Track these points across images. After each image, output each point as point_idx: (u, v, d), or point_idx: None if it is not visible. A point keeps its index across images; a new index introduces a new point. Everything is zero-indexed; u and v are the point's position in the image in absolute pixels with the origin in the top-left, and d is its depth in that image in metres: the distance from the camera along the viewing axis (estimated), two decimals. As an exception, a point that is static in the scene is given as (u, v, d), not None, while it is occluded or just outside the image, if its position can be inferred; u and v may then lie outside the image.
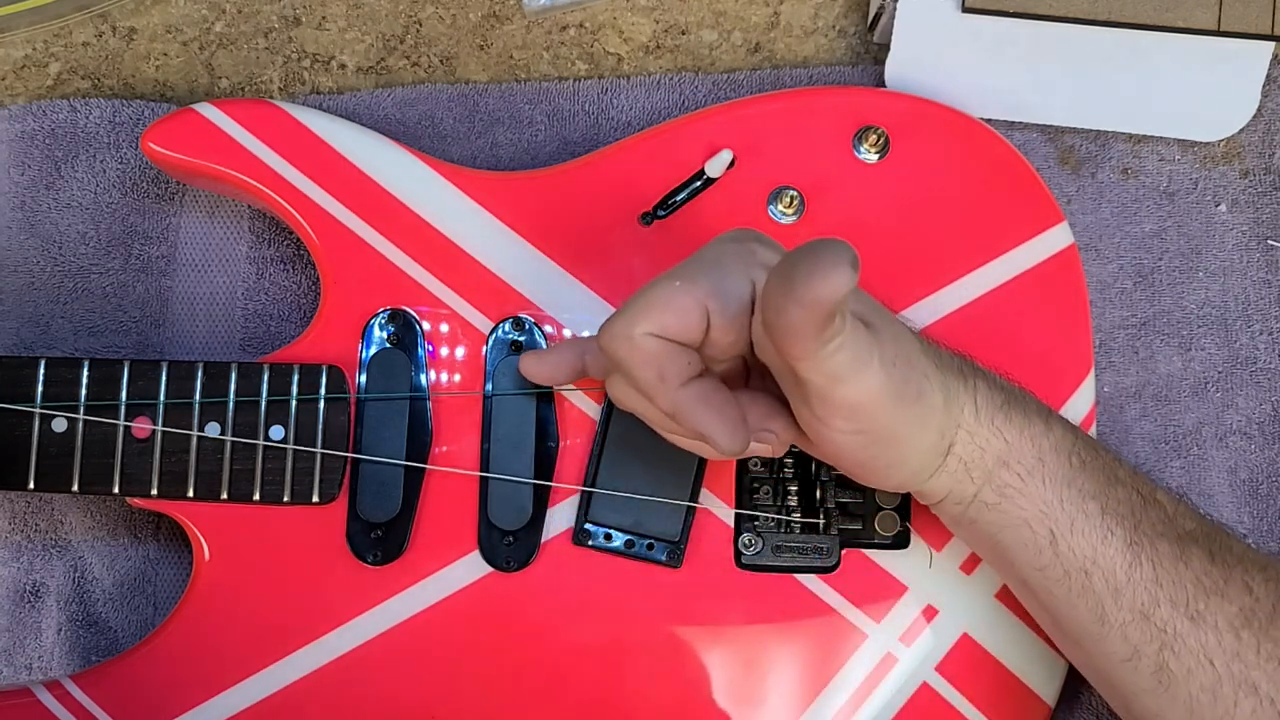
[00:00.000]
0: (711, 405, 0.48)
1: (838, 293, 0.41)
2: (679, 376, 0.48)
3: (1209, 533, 0.51)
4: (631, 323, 0.48)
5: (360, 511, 0.59)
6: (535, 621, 0.59)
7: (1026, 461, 0.50)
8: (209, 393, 0.59)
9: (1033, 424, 0.51)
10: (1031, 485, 0.50)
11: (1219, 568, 0.49)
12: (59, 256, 0.66)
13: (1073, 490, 0.50)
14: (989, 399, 0.51)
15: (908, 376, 0.48)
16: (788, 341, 0.44)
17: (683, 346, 0.48)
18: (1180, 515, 0.51)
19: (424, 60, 0.69)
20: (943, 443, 0.50)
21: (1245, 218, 0.69)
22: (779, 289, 0.42)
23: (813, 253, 0.41)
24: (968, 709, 0.59)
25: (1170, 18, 0.64)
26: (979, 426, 0.50)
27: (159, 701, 0.58)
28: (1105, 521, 0.50)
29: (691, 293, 0.48)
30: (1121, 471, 0.52)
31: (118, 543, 0.65)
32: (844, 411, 0.47)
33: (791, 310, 0.42)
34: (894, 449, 0.49)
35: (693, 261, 0.50)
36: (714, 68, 0.70)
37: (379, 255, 0.61)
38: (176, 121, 0.60)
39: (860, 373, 0.45)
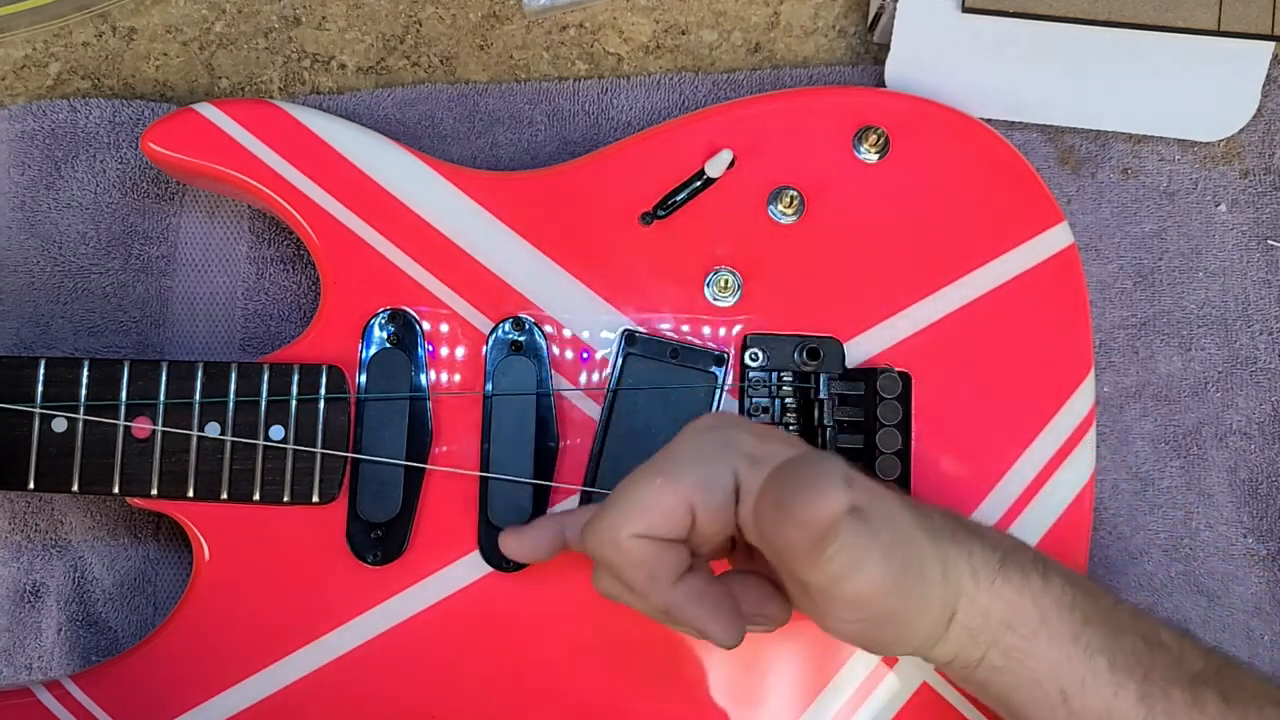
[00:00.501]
0: (705, 602, 0.48)
1: (832, 514, 0.41)
2: (670, 576, 0.48)
3: (1219, 670, 0.50)
4: (616, 526, 0.47)
5: (360, 511, 0.59)
6: (535, 622, 0.59)
7: (1030, 622, 0.49)
8: (209, 393, 0.59)
9: (1031, 581, 0.50)
10: (1037, 645, 0.49)
11: (1234, 710, 0.48)
12: (59, 256, 0.66)
13: (1079, 647, 0.49)
14: (985, 562, 0.50)
15: (906, 559, 0.47)
16: (785, 558, 0.44)
17: (670, 543, 0.48)
18: (1187, 655, 0.50)
19: (424, 60, 0.69)
20: (944, 613, 0.49)
21: (1245, 218, 0.69)
22: (772, 512, 0.42)
23: (803, 473, 0.41)
24: (968, 709, 0.59)
25: (1170, 18, 0.64)
26: (979, 592, 0.49)
27: (159, 701, 0.58)
28: (1115, 676, 0.49)
29: (675, 490, 0.47)
30: (1124, 617, 0.51)
31: (118, 543, 0.65)
32: (846, 605, 0.46)
33: (790, 532, 0.42)
34: (898, 628, 0.48)
35: (671, 455, 0.49)
36: (714, 68, 0.70)
37: (379, 255, 0.61)
38: (176, 121, 0.60)
39: (860, 569, 0.45)
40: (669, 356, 0.60)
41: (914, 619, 0.48)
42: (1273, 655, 0.66)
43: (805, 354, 0.60)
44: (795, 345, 0.61)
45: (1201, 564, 0.66)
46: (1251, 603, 0.66)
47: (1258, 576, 0.66)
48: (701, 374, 0.60)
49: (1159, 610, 0.66)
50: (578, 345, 0.61)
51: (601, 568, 0.50)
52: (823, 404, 0.60)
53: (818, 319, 0.61)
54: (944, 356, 0.61)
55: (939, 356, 0.61)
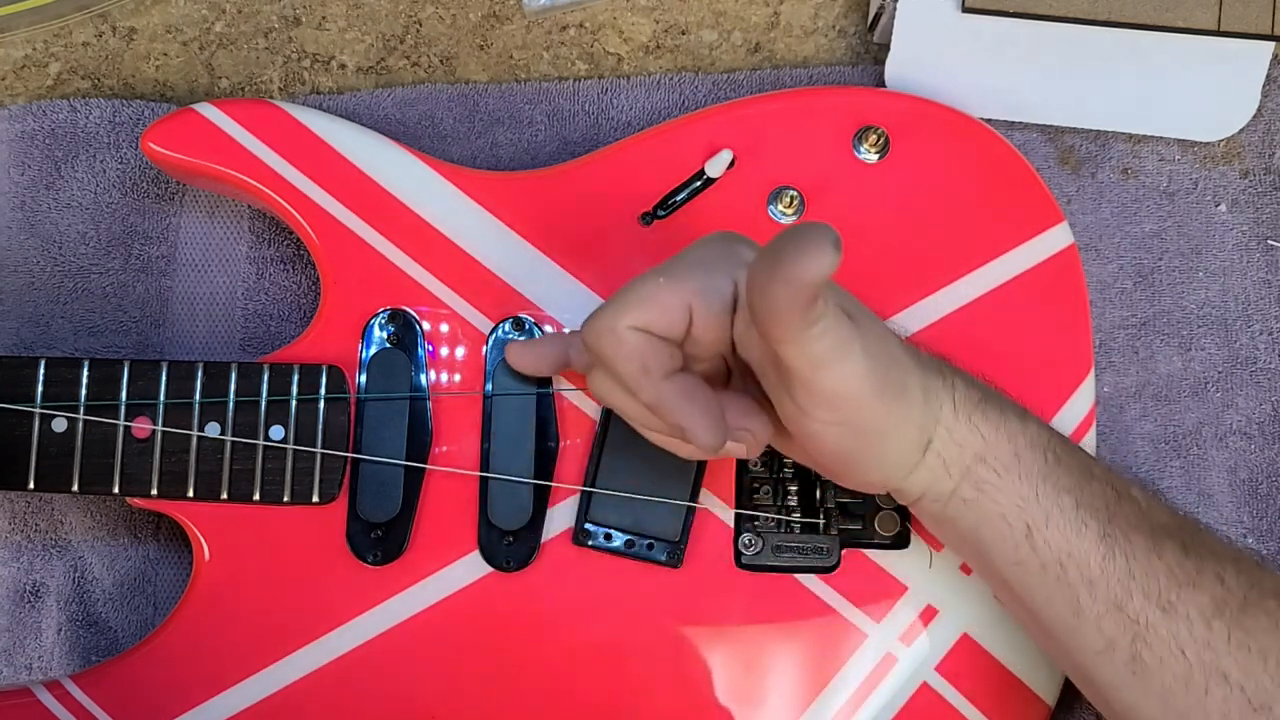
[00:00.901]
0: (693, 399, 0.49)
1: (822, 270, 0.41)
2: (661, 370, 0.49)
3: (1183, 525, 0.51)
4: (616, 317, 0.49)
5: (360, 511, 0.59)
6: (535, 621, 0.59)
7: (1003, 457, 0.51)
8: (209, 393, 0.59)
9: (1009, 421, 0.52)
10: (1008, 480, 0.51)
11: (1192, 559, 0.49)
12: (59, 256, 0.66)
13: (1048, 485, 0.51)
14: (966, 396, 0.52)
15: (889, 369, 0.48)
16: (772, 322, 0.44)
17: (665, 341, 0.49)
18: (1154, 509, 0.52)
19: (424, 60, 0.69)
20: (921, 438, 0.51)
21: (1245, 218, 0.69)
22: (764, 269, 0.43)
23: (797, 234, 0.42)
24: (968, 709, 0.59)
25: (1170, 18, 0.64)
26: (957, 423, 0.51)
27: (159, 701, 0.58)
28: (1080, 515, 0.50)
29: (676, 289, 0.49)
30: (1096, 468, 0.52)
31: (118, 543, 0.65)
32: (827, 400, 0.47)
33: (777, 289, 0.43)
34: (874, 444, 0.50)
35: (677, 259, 0.51)
36: (714, 68, 0.70)
37: (379, 255, 0.61)
38: (176, 121, 0.60)
39: (843, 359, 0.46)
40: (669, 356, 0.60)
41: (891, 436, 0.49)
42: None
43: (805, 354, 0.60)
44: (795, 345, 0.61)
45: (1201, 564, 0.66)
46: (1251, 603, 0.66)
47: (1258, 576, 0.66)
48: (701, 374, 0.60)
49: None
50: (578, 345, 0.61)
51: (598, 362, 0.51)
52: (823, 404, 0.60)
53: (818, 319, 0.61)
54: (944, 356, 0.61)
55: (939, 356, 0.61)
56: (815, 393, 0.47)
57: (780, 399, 0.50)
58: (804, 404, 0.48)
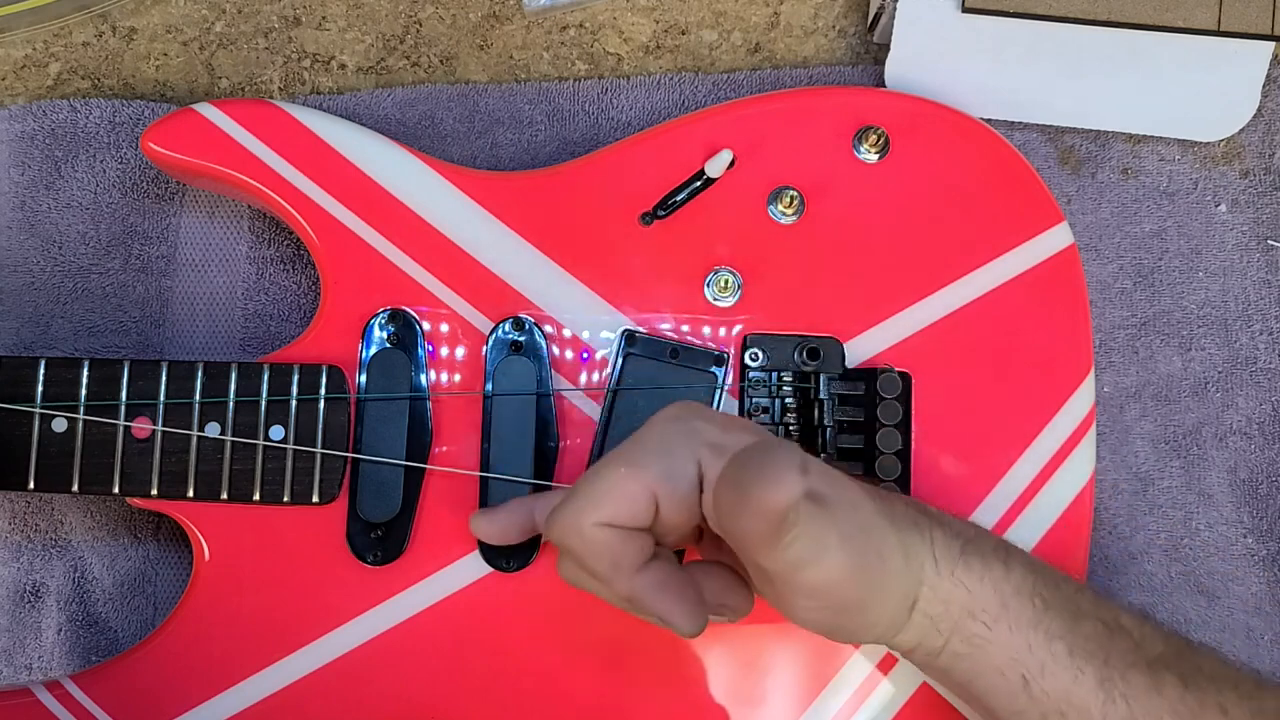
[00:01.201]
0: (668, 591, 0.49)
1: (788, 500, 0.41)
2: (633, 564, 0.48)
3: (1180, 654, 0.50)
4: (580, 514, 0.48)
5: (360, 511, 0.59)
6: (535, 621, 0.59)
7: (991, 610, 0.50)
8: (209, 393, 0.59)
9: (992, 569, 0.50)
10: (998, 633, 0.50)
11: (1192, 693, 0.48)
12: (59, 256, 0.66)
13: (1039, 633, 0.49)
14: (947, 550, 0.50)
15: (866, 546, 0.47)
16: (745, 544, 0.44)
17: (634, 532, 0.48)
18: (1147, 639, 0.50)
19: (424, 60, 0.69)
20: (906, 601, 0.49)
21: (1245, 218, 0.69)
22: (730, 498, 0.43)
23: (758, 460, 0.41)
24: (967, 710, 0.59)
25: (1170, 18, 0.64)
26: (940, 580, 0.50)
27: (159, 701, 0.58)
28: (1074, 661, 0.49)
29: (639, 478, 0.48)
30: (1084, 602, 0.51)
31: (118, 543, 0.65)
32: (807, 593, 0.47)
33: (745, 519, 0.43)
34: (859, 616, 0.49)
35: (636, 445, 0.50)
36: (714, 68, 0.70)
37: (379, 255, 0.61)
38: (176, 121, 0.60)
39: (820, 556, 0.45)
40: (669, 356, 0.60)
41: (875, 606, 0.49)
42: (1273, 655, 0.66)
43: (805, 354, 0.60)
44: (795, 345, 0.61)
45: (1201, 564, 0.66)
46: (1251, 603, 0.66)
47: (1258, 576, 0.66)
48: (701, 374, 0.60)
49: (1159, 610, 0.66)
50: (578, 345, 0.61)
51: (565, 555, 0.50)
52: (823, 404, 0.60)
53: (818, 319, 0.61)
54: (944, 357, 0.61)
55: (939, 356, 0.61)
56: (795, 588, 0.47)
57: (760, 586, 0.50)
58: (784, 595, 0.48)
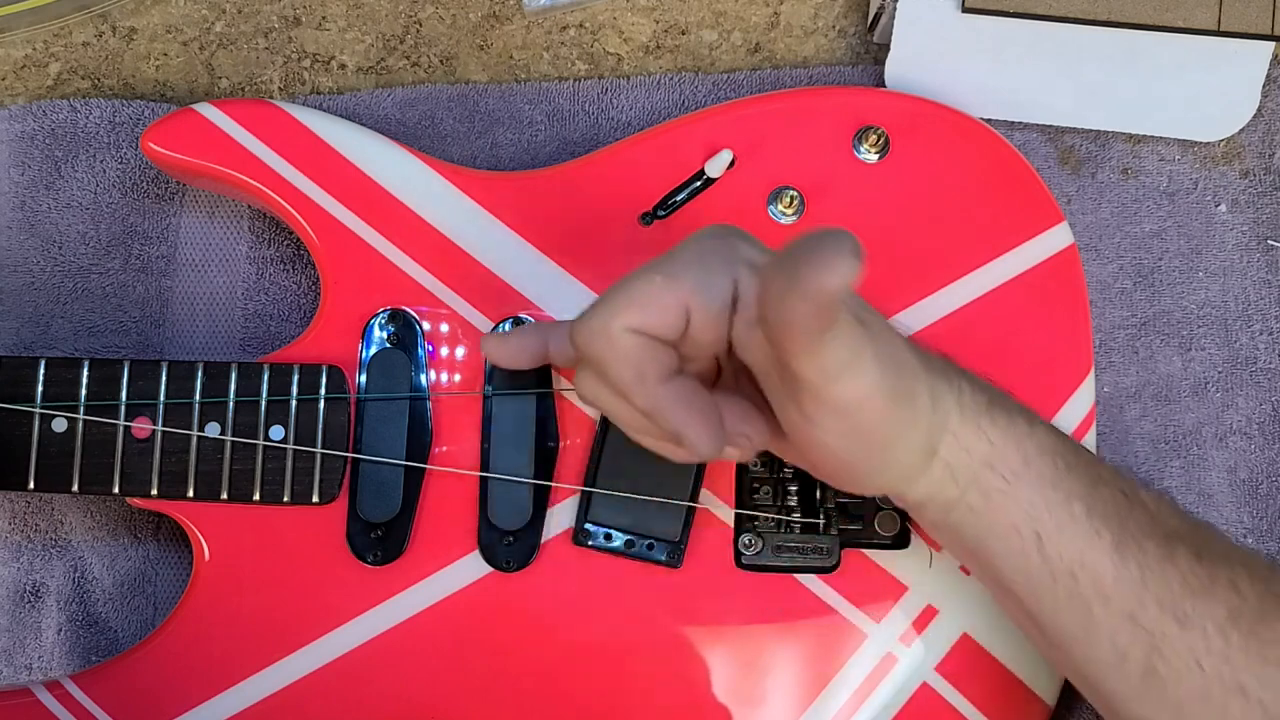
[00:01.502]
0: (691, 405, 0.47)
1: (843, 282, 0.39)
2: (658, 375, 0.47)
3: (1194, 530, 0.50)
4: (610, 318, 0.46)
5: (360, 511, 0.59)
6: (535, 622, 0.59)
7: (1012, 463, 0.49)
8: (209, 393, 0.59)
9: (1016, 425, 0.50)
10: (1017, 488, 0.49)
11: (1205, 566, 0.48)
12: (59, 256, 0.66)
13: (1059, 492, 0.49)
14: (974, 400, 0.49)
15: (899, 375, 0.46)
16: (786, 335, 0.42)
17: (661, 343, 0.47)
18: (1164, 514, 0.50)
19: (424, 60, 0.69)
20: (928, 444, 0.48)
21: (1245, 218, 0.69)
22: (780, 280, 0.41)
23: (816, 243, 0.39)
24: (968, 709, 0.59)
25: (1170, 18, 0.64)
26: (964, 429, 0.49)
27: (159, 701, 0.58)
28: (1092, 523, 0.48)
29: (674, 289, 0.46)
30: (1105, 471, 0.51)
31: (118, 543, 0.65)
32: (836, 410, 0.45)
33: (794, 302, 0.41)
34: (880, 451, 0.48)
35: (674, 256, 0.48)
36: (714, 68, 0.70)
37: (379, 255, 0.61)
38: (176, 121, 0.60)
39: (855, 368, 0.44)
40: (669, 356, 0.60)
41: (897, 443, 0.47)
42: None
43: (805, 354, 0.60)
44: (795, 345, 0.61)
45: (1201, 564, 0.66)
46: (1251, 603, 0.66)
47: (1258, 576, 0.66)
48: (701, 374, 0.60)
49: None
50: (578, 345, 0.61)
51: (587, 364, 0.49)
52: (823, 404, 0.60)
53: (818, 319, 0.61)
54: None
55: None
56: (825, 403, 0.45)
57: (783, 405, 0.48)
58: (811, 413, 0.46)
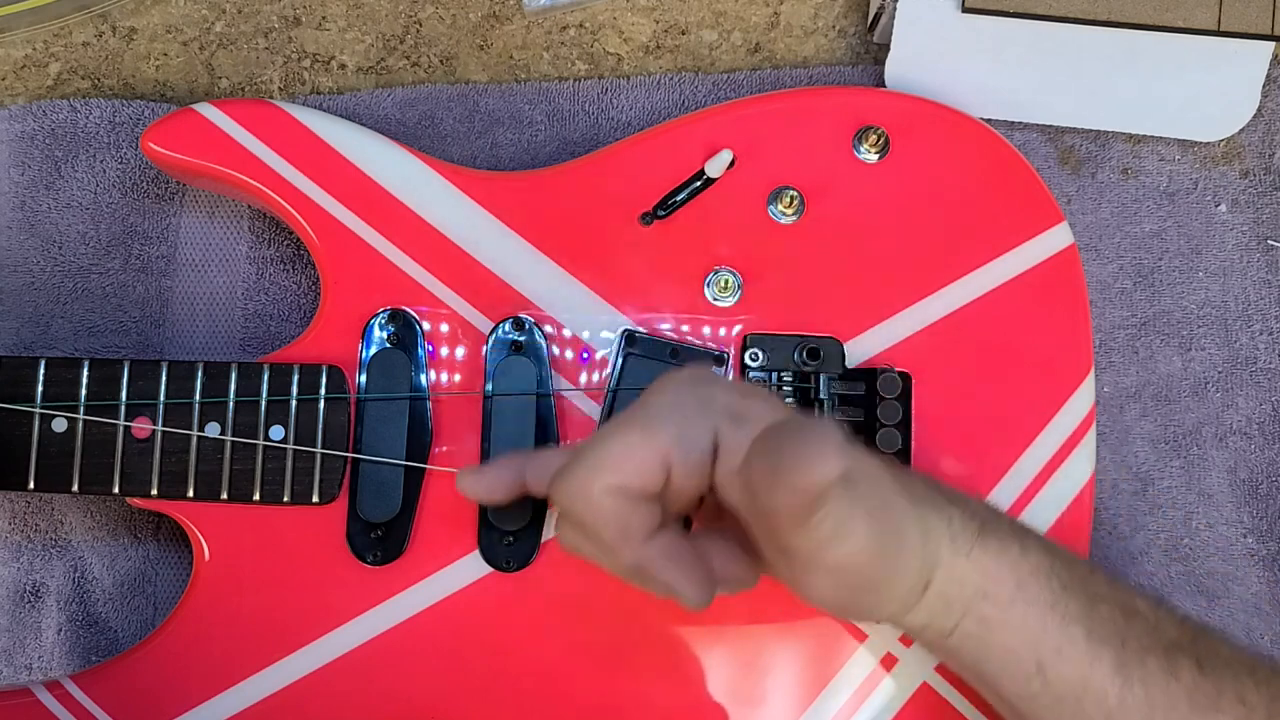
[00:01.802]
0: (679, 561, 0.47)
1: (828, 479, 0.40)
2: (642, 532, 0.47)
3: (1195, 638, 0.49)
4: (589, 479, 0.46)
5: (360, 511, 0.59)
6: (535, 622, 0.59)
7: (1006, 590, 0.48)
8: (209, 393, 0.59)
9: (1009, 550, 0.49)
10: (1013, 615, 0.48)
11: (1210, 679, 0.47)
12: (59, 256, 0.66)
13: (1055, 615, 0.48)
14: (964, 529, 0.49)
15: (887, 525, 0.46)
16: (771, 521, 0.43)
17: (644, 499, 0.47)
18: (1163, 622, 0.49)
19: (424, 60, 0.69)
20: (920, 581, 0.48)
21: (1245, 218, 0.69)
22: (766, 474, 0.41)
23: (800, 437, 0.40)
24: (968, 709, 0.59)
25: (1170, 18, 0.64)
26: (956, 560, 0.48)
27: (159, 701, 0.58)
28: (1091, 645, 0.48)
29: (652, 444, 0.46)
30: (1100, 585, 0.50)
31: (118, 543, 0.65)
32: (828, 572, 0.45)
33: (779, 496, 0.41)
34: (874, 594, 0.47)
35: (648, 407, 0.48)
36: (714, 68, 0.70)
37: (379, 255, 0.61)
38: (176, 121, 0.60)
39: (847, 535, 0.44)
40: (669, 356, 0.60)
41: (891, 585, 0.47)
42: (1273, 655, 0.66)
43: (805, 354, 0.60)
44: (795, 345, 0.61)
45: (1201, 564, 0.66)
46: (1251, 603, 0.66)
47: (1258, 576, 0.66)
48: (701, 374, 0.60)
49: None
50: (578, 345, 0.61)
51: (569, 521, 0.48)
52: (823, 404, 0.60)
53: (818, 319, 0.61)
54: (944, 357, 0.61)
55: (939, 357, 0.61)
56: (816, 566, 0.45)
57: (774, 562, 0.48)
58: (802, 573, 0.46)
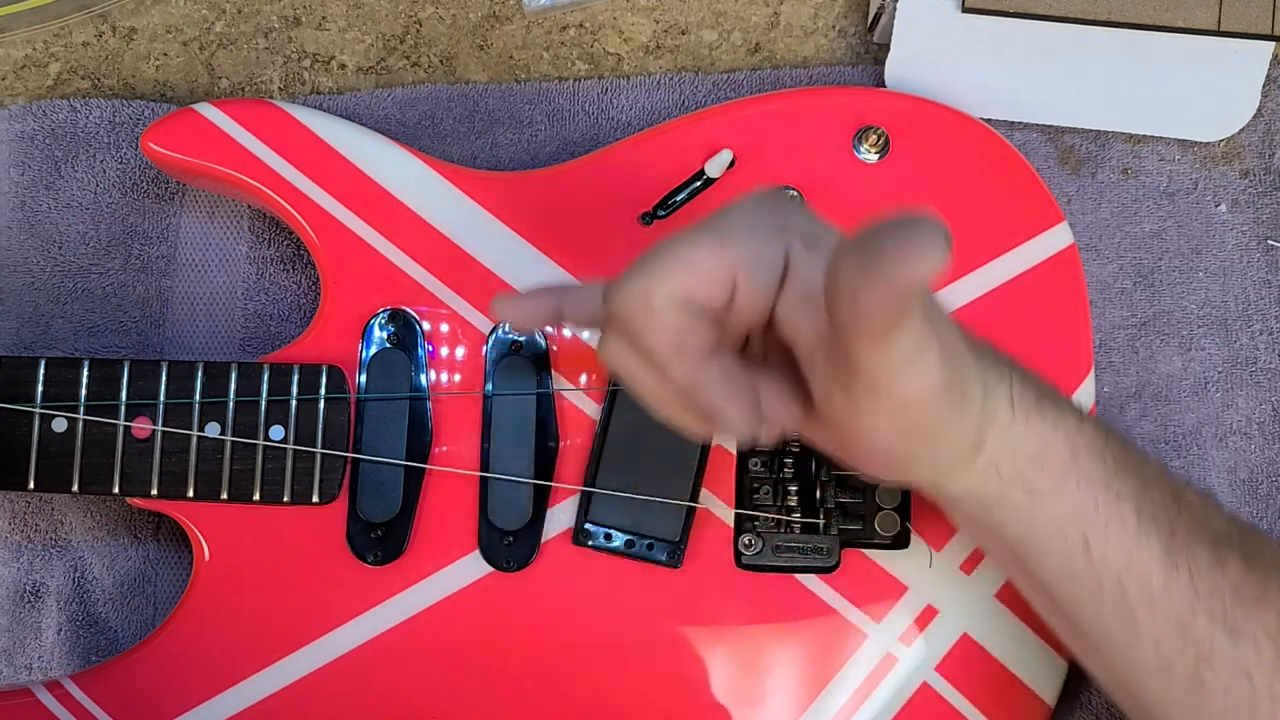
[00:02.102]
0: (734, 384, 0.43)
1: (931, 274, 0.35)
2: (699, 349, 0.43)
3: (1243, 534, 0.48)
4: (653, 284, 0.42)
5: (360, 511, 0.59)
6: (535, 622, 0.59)
7: (1061, 461, 0.46)
8: (209, 393, 0.59)
9: (1066, 420, 0.47)
10: (1066, 485, 0.46)
11: (1256, 574, 0.46)
12: (59, 256, 0.66)
13: (1109, 492, 0.46)
14: (1024, 394, 0.46)
15: (954, 369, 0.43)
16: (858, 324, 0.39)
17: (705, 314, 0.43)
18: (1210, 514, 0.48)
19: (424, 60, 0.69)
20: (976, 440, 0.45)
21: (1245, 218, 0.69)
22: (857, 267, 0.37)
23: (903, 228, 0.36)
24: (968, 709, 0.59)
25: (1170, 18, 0.64)
26: (1013, 424, 0.46)
27: (159, 701, 0.58)
28: (1141, 526, 0.46)
29: (722, 256, 0.42)
30: (1150, 470, 0.48)
31: (118, 543, 0.65)
32: (892, 403, 0.42)
33: (871, 292, 0.37)
34: (927, 444, 0.44)
35: (723, 219, 0.44)
36: (714, 68, 0.70)
37: (379, 255, 0.61)
38: (176, 121, 0.60)
39: (920, 365, 0.41)
40: (669, 356, 0.60)
41: (947, 437, 0.44)
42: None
43: (805, 354, 0.60)
44: (795, 345, 0.61)
45: (1201, 564, 0.66)
46: (1251, 603, 0.66)
47: (1258, 576, 0.66)
48: (701, 374, 0.60)
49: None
50: (578, 344, 0.61)
51: (619, 332, 0.44)
52: (823, 404, 0.60)
53: (818, 319, 0.61)
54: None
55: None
56: (882, 396, 0.42)
57: (828, 390, 0.44)
58: (863, 403, 0.42)
